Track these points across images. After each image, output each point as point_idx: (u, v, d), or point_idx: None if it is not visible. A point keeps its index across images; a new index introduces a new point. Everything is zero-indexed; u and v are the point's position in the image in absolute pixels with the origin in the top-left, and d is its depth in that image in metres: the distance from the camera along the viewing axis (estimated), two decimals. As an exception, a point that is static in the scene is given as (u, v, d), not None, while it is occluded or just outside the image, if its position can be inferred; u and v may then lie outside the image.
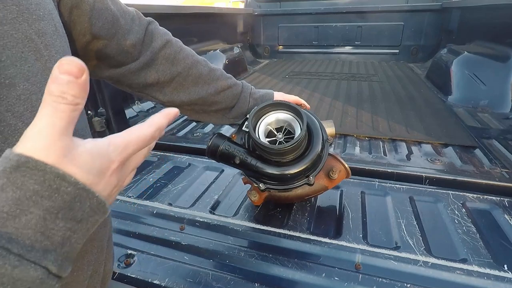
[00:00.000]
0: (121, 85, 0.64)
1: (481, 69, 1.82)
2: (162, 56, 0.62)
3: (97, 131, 1.40)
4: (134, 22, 0.58)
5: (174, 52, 0.64)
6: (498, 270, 0.66)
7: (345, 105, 1.81)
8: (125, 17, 0.56)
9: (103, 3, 0.52)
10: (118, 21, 0.55)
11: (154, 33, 0.62)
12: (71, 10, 0.48)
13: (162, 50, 0.62)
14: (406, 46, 3.10)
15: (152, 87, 0.65)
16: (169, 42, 0.63)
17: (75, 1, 0.47)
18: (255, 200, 0.81)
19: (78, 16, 0.49)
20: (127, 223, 0.86)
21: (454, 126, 1.46)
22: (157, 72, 0.62)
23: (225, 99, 0.72)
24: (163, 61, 0.62)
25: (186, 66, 0.65)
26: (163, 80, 0.64)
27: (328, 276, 0.67)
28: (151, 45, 0.61)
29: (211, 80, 0.69)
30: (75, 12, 0.48)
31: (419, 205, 0.89)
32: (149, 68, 0.62)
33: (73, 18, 0.49)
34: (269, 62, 3.44)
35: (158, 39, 0.62)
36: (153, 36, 0.61)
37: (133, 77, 0.61)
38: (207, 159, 1.17)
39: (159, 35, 0.62)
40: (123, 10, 0.57)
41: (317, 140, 0.72)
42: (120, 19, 0.55)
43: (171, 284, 0.67)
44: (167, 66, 0.63)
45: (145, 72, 0.62)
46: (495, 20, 1.87)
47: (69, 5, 0.47)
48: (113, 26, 0.54)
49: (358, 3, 3.15)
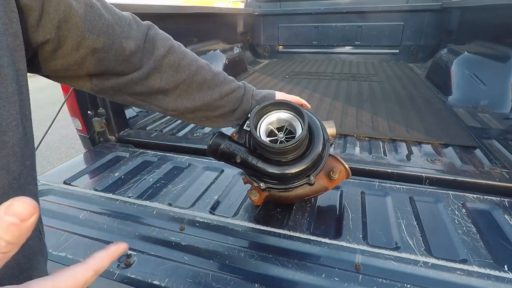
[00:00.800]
0: (122, 95, 0.60)
1: (481, 69, 1.82)
2: (166, 64, 0.60)
3: (97, 131, 1.40)
4: (132, 28, 0.55)
5: (178, 59, 0.61)
6: (498, 271, 0.66)
7: (345, 105, 1.81)
8: (121, 24, 0.53)
9: (96, 12, 0.48)
10: (114, 30, 0.51)
11: (156, 39, 0.59)
12: (59, 25, 0.43)
13: (165, 57, 0.60)
14: (406, 46, 3.10)
15: (156, 95, 0.63)
16: (172, 48, 0.61)
17: (62, 15, 0.43)
18: (255, 200, 0.81)
19: (68, 31, 0.45)
20: (127, 223, 0.86)
21: (454, 126, 1.46)
22: (161, 80, 0.60)
23: (228, 103, 0.71)
24: (167, 69, 0.60)
25: (191, 73, 0.64)
26: (167, 88, 0.62)
27: (328, 277, 0.67)
28: (154, 52, 0.58)
29: (215, 85, 0.68)
30: (64, 26, 0.44)
31: (419, 205, 0.89)
32: (153, 77, 0.59)
33: (63, 33, 0.44)
34: (269, 62, 3.44)
35: (161, 46, 0.59)
36: (155, 43, 0.59)
37: (136, 87, 0.59)
38: (207, 159, 1.17)
39: (161, 41, 0.60)
40: (118, 17, 0.53)
41: (318, 140, 0.72)
42: (116, 28, 0.51)
43: (171, 284, 0.67)
44: (171, 74, 0.61)
45: (150, 80, 0.59)
46: (495, 20, 1.87)
47: (55, 20, 0.42)
48: (109, 36, 0.50)
49: (358, 3, 3.15)
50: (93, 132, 1.40)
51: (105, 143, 1.41)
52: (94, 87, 0.56)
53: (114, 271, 0.71)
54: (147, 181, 1.06)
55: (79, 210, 0.92)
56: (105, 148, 1.33)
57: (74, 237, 0.82)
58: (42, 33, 0.42)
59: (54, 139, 3.66)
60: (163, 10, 1.84)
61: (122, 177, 1.09)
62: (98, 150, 1.31)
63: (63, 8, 0.43)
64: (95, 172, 1.14)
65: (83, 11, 0.46)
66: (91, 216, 0.89)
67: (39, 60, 0.46)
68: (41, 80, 3.95)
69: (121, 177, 1.09)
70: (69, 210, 0.92)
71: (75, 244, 0.80)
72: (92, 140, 1.41)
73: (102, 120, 1.39)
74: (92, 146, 1.40)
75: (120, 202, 0.94)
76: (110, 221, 0.87)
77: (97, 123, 1.38)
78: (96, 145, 1.39)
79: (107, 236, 0.82)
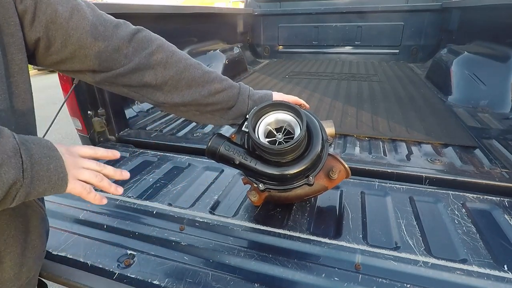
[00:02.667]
0: (117, 86, 0.68)
1: (481, 69, 1.82)
2: (155, 61, 0.66)
3: (97, 131, 1.40)
4: (119, 28, 0.63)
5: (166, 57, 0.67)
6: (498, 271, 0.66)
7: (345, 105, 1.81)
8: (105, 24, 0.61)
9: (81, 15, 0.57)
10: (97, 29, 0.59)
11: (145, 40, 0.65)
12: (47, 25, 0.53)
13: (154, 55, 0.66)
14: (406, 46, 3.10)
15: (147, 89, 0.69)
16: (160, 47, 0.67)
17: (49, 16, 0.53)
18: (255, 201, 0.81)
19: (55, 31, 0.54)
20: (127, 223, 0.86)
21: (454, 126, 1.46)
22: (149, 75, 0.66)
23: (220, 100, 0.74)
24: (155, 65, 0.66)
25: (179, 70, 0.68)
26: (156, 83, 0.68)
27: (328, 277, 0.67)
28: (143, 51, 0.65)
29: (204, 82, 0.71)
30: (51, 27, 0.53)
31: (419, 205, 0.89)
32: (143, 72, 0.66)
33: (51, 33, 0.54)
34: (269, 62, 3.44)
35: (150, 45, 0.65)
36: (143, 43, 0.65)
37: (125, 79, 0.65)
38: (207, 159, 1.17)
39: (150, 41, 0.66)
40: (103, 19, 0.61)
41: (317, 140, 0.72)
42: (98, 27, 0.59)
43: (171, 284, 0.67)
44: (159, 70, 0.67)
45: (139, 75, 0.66)
46: (495, 20, 1.87)
47: (44, 21, 0.52)
48: (91, 34, 0.58)
49: (358, 3, 3.15)
50: (93, 132, 1.40)
51: (105, 143, 1.41)
52: (91, 79, 0.65)
53: (114, 271, 0.71)
54: (147, 181, 1.06)
55: (79, 210, 0.92)
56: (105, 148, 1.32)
57: (74, 237, 0.82)
58: (34, 32, 0.52)
59: (54, 139, 3.65)
60: (163, 10, 1.84)
61: (122, 177, 1.09)
62: (98, 150, 1.31)
63: (49, 11, 0.53)
64: (95, 172, 1.14)
65: (68, 14, 0.55)
66: (91, 216, 0.90)
67: (38, 55, 0.56)
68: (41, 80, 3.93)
69: (121, 177, 1.09)
70: (69, 210, 0.92)
71: (75, 244, 0.80)
72: (92, 140, 1.41)
73: (102, 120, 1.39)
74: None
75: (120, 201, 0.94)
76: (110, 221, 0.87)
77: (97, 123, 1.38)
78: (96, 145, 1.39)
79: (107, 236, 0.82)
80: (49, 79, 6.67)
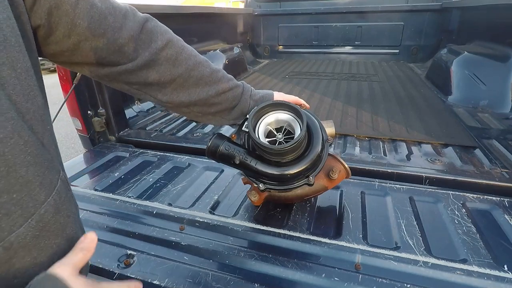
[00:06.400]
0: (118, 83, 0.61)
1: (481, 69, 1.82)
2: (164, 57, 0.61)
3: (97, 131, 1.40)
4: (127, 18, 0.56)
5: (176, 53, 0.62)
6: (498, 271, 0.66)
7: (345, 105, 1.81)
8: (114, 14, 0.53)
9: (88, 1, 0.49)
10: (106, 19, 0.52)
11: (154, 31, 0.59)
12: (50, 11, 0.45)
13: (163, 50, 0.60)
14: (406, 46, 3.10)
15: (152, 86, 0.63)
16: (170, 42, 0.61)
17: (54, 1, 0.45)
18: (255, 200, 0.81)
19: (59, 17, 0.46)
20: (127, 223, 0.86)
21: (454, 126, 1.46)
22: (157, 72, 0.61)
23: (225, 100, 0.71)
24: (164, 62, 0.61)
25: (188, 68, 0.64)
26: (163, 81, 0.63)
27: (328, 277, 0.67)
28: (151, 44, 0.59)
29: (212, 81, 0.68)
30: (55, 13, 0.45)
31: (419, 205, 0.89)
32: (149, 69, 0.60)
33: (54, 20, 0.46)
34: (269, 62, 3.44)
35: (159, 39, 0.60)
36: (153, 35, 0.59)
37: (130, 77, 0.60)
38: (207, 159, 1.17)
39: (159, 34, 0.60)
40: (112, 7, 0.54)
41: (317, 140, 0.72)
42: (108, 17, 0.52)
43: (171, 284, 0.67)
44: (168, 67, 0.62)
45: (145, 72, 0.60)
46: (495, 20, 1.87)
47: (46, 6, 0.44)
48: (101, 25, 0.51)
49: (358, 3, 3.15)
50: (93, 132, 1.40)
51: (105, 143, 1.41)
52: (90, 73, 0.58)
53: (114, 271, 0.71)
54: (147, 181, 1.06)
55: (79, 210, 0.92)
56: (105, 148, 1.33)
57: (74, 237, 0.82)
58: (33, 19, 0.44)
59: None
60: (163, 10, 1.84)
61: (122, 177, 1.09)
62: (98, 150, 1.31)
63: None
64: (95, 172, 1.14)
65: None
66: (91, 216, 0.89)
67: (37, 44, 0.48)
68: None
69: (121, 177, 1.09)
70: (69, 210, 0.92)
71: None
72: (92, 140, 1.41)
73: (102, 120, 1.39)
74: (92, 146, 1.40)
75: (120, 202, 0.94)
76: (110, 221, 0.87)
77: (97, 123, 1.38)
78: (96, 145, 1.39)
79: (107, 236, 0.82)
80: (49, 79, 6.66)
